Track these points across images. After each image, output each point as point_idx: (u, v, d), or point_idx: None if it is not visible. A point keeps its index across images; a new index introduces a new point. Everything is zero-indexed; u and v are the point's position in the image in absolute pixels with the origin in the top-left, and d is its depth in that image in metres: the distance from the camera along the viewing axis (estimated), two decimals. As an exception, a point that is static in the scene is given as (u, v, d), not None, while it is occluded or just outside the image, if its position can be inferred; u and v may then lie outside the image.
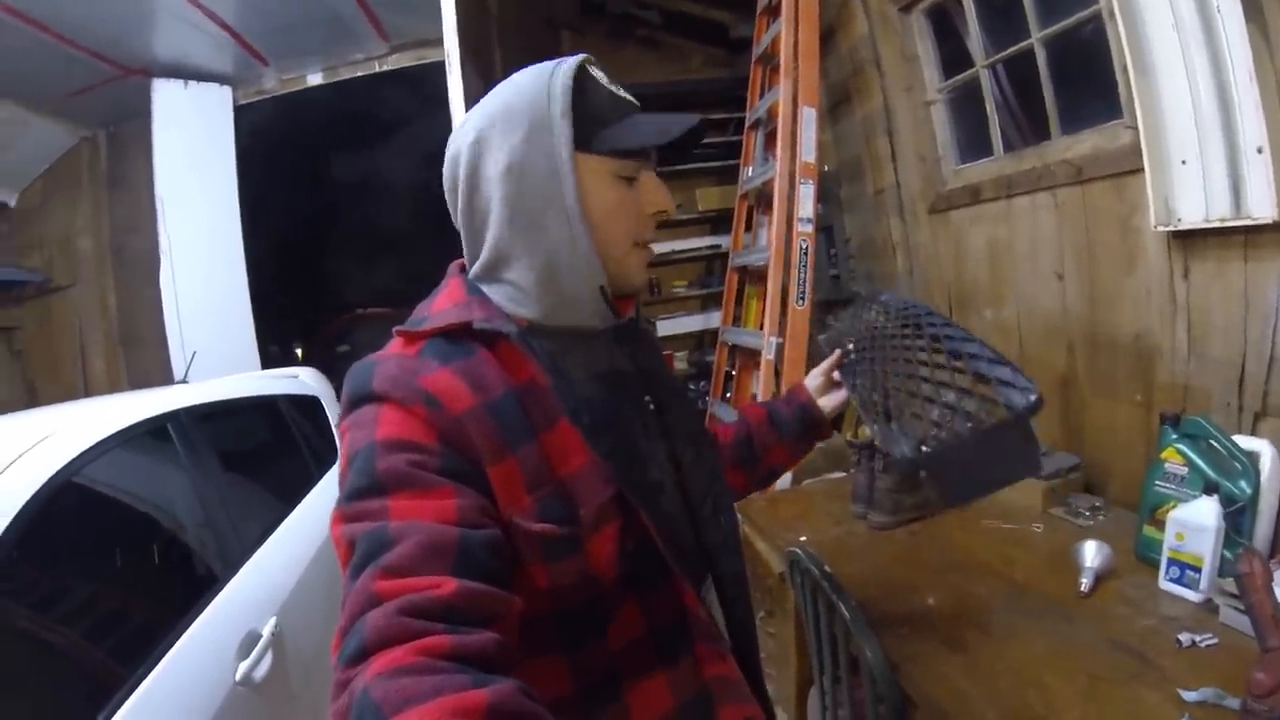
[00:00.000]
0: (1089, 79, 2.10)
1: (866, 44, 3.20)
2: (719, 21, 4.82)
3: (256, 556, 2.02)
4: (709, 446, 1.08)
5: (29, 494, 1.45)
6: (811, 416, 1.29)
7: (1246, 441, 1.57)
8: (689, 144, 0.93)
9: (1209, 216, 1.66)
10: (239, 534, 2.04)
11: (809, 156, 3.14)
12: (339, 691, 0.58)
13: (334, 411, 3.00)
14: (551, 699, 0.78)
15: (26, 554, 1.41)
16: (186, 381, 3.16)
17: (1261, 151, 1.54)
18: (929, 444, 0.96)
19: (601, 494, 0.82)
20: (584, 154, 0.85)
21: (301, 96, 4.85)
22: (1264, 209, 1.55)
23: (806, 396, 1.30)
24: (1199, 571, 1.43)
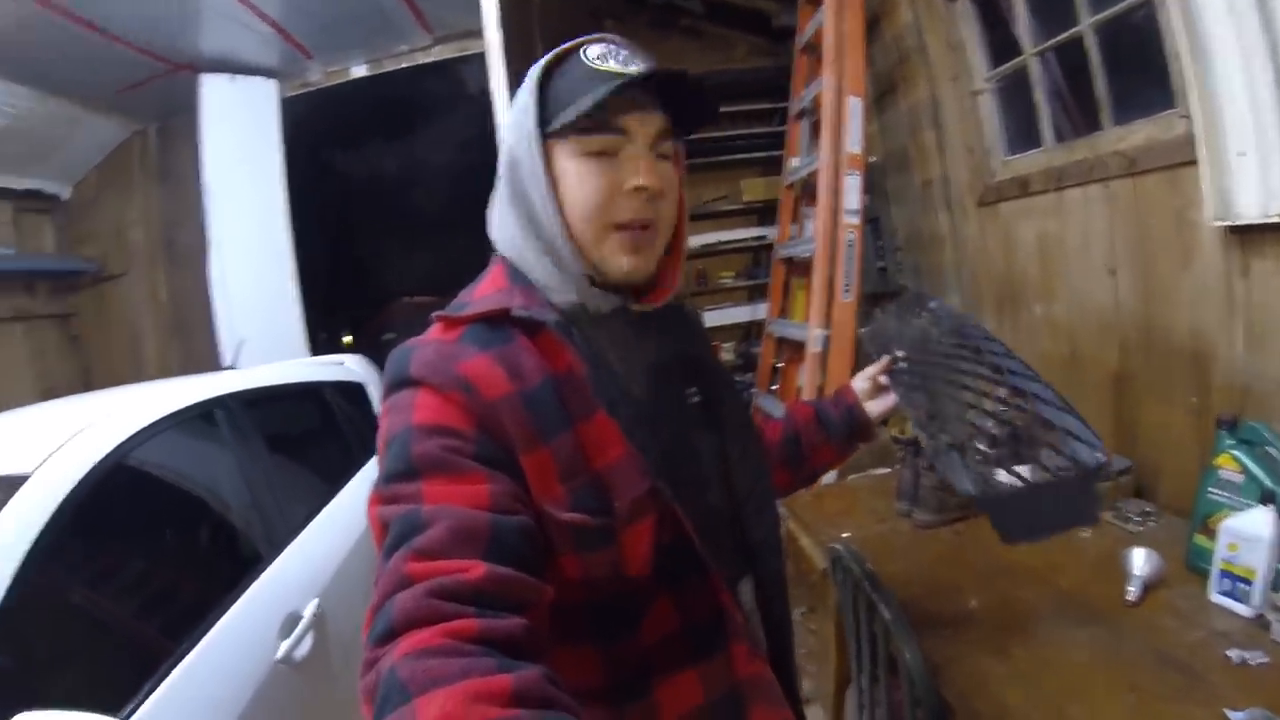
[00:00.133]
0: (1142, 66, 2.02)
1: (912, 32, 3.14)
2: (762, 10, 4.77)
3: (300, 539, 2.08)
4: (755, 442, 1.06)
5: (81, 474, 1.51)
6: (858, 419, 1.27)
7: (1307, 449, 1.50)
8: (690, 111, 0.87)
9: (1268, 211, 1.58)
10: (283, 517, 2.09)
11: (855, 148, 3.09)
12: (367, 670, 0.59)
13: (379, 397, 3.03)
14: (581, 689, 0.79)
15: (79, 532, 1.47)
16: (234, 368, 3.22)
17: (1324, 143, 1.47)
18: (993, 486, 0.96)
19: (637, 487, 0.81)
20: (556, 138, 0.84)
21: (346, 88, 4.91)
22: (1327, 204, 1.47)
23: (854, 399, 1.29)
24: (1251, 585, 1.38)
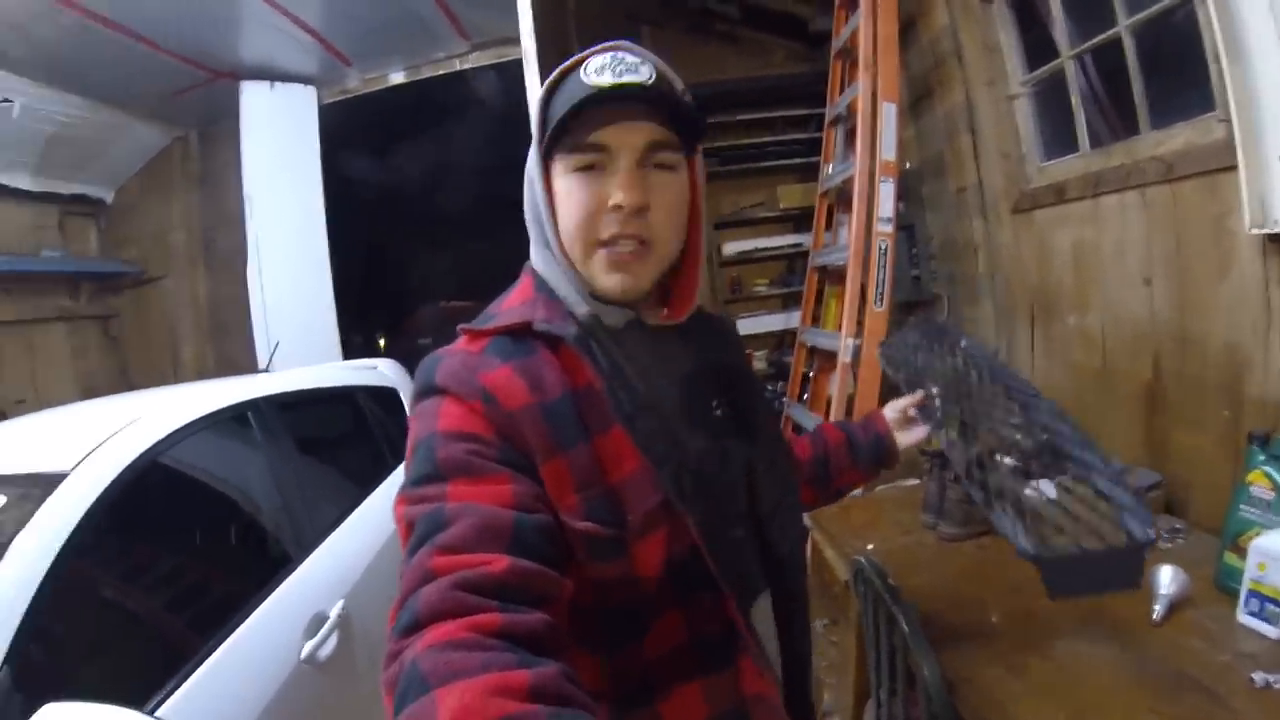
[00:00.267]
0: (1181, 68, 1.97)
1: (948, 35, 3.10)
2: (798, 15, 4.74)
3: (329, 541, 2.11)
4: (784, 455, 1.06)
5: (117, 473, 1.56)
6: (886, 448, 1.30)
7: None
8: (684, 121, 0.85)
9: (1308, 219, 1.54)
10: (313, 519, 2.13)
11: (889, 154, 3.06)
12: (390, 661, 0.60)
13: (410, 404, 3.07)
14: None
15: (113, 528, 1.52)
16: (269, 371, 3.28)
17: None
18: (1050, 549, 1.02)
19: (650, 499, 0.81)
20: (553, 155, 0.85)
21: (385, 95, 4.99)
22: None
23: (885, 428, 1.31)
24: (1281, 606, 1.33)
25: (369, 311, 6.33)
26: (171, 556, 1.76)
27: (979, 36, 2.89)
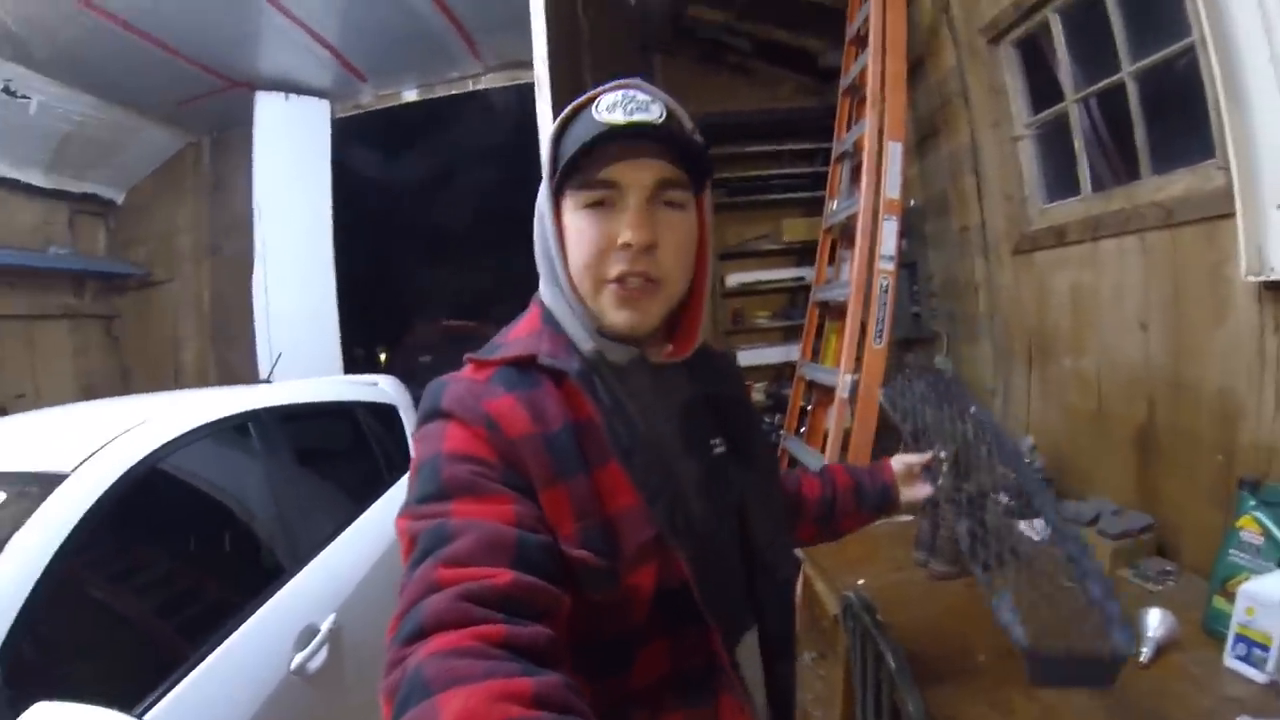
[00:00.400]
0: (1183, 114, 1.99)
1: (955, 76, 3.13)
2: (809, 49, 4.78)
3: (323, 555, 2.11)
4: (778, 491, 1.08)
5: (116, 477, 1.57)
6: (891, 499, 1.33)
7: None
8: (693, 160, 0.87)
9: (1304, 268, 1.55)
10: (308, 532, 2.13)
11: (893, 192, 3.08)
12: (391, 669, 0.61)
13: (410, 420, 3.08)
14: None
15: (111, 532, 1.53)
16: (270, 381, 3.29)
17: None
18: (1041, 646, 1.10)
19: (644, 533, 0.82)
20: (564, 192, 0.87)
21: (397, 111, 5.04)
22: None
23: (891, 478, 1.33)
24: (1268, 651, 1.33)
25: (372, 325, 6.34)
26: (167, 562, 1.77)
27: (985, 78, 2.92)
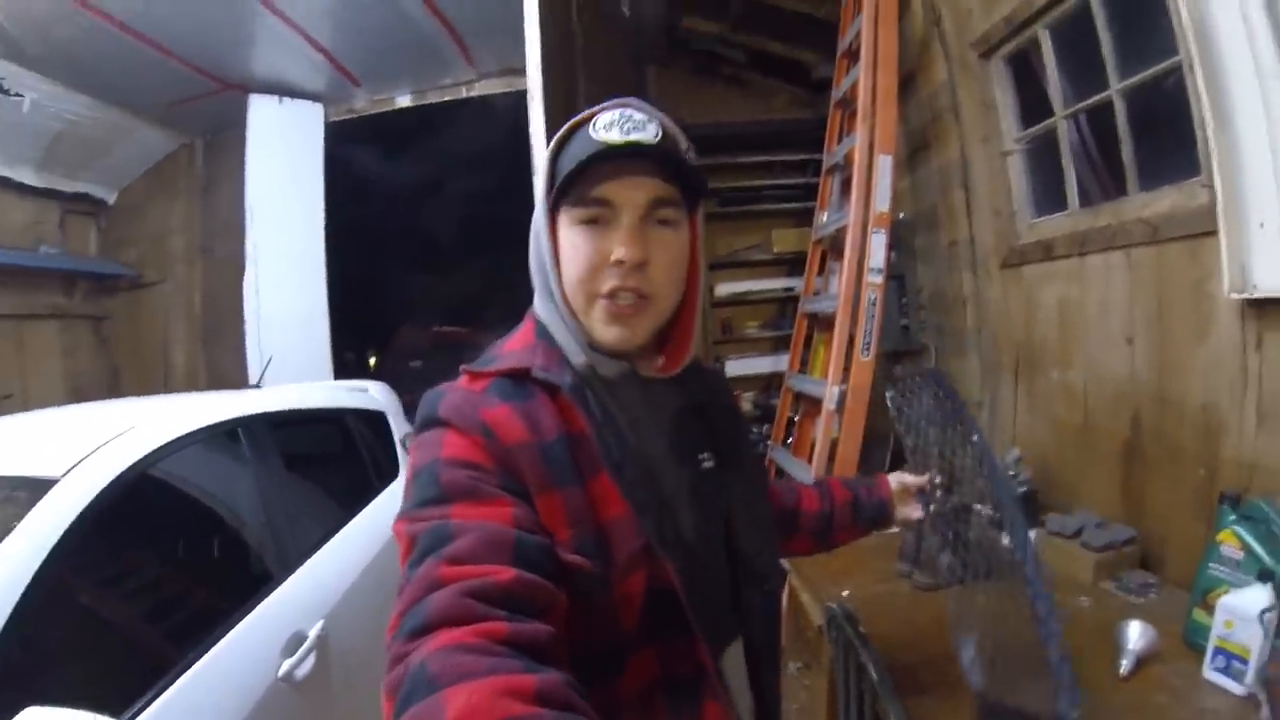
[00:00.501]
0: (1171, 132, 2.01)
1: (946, 91, 3.15)
2: (802, 61, 4.82)
3: (311, 561, 2.09)
4: (766, 505, 1.09)
5: (106, 482, 1.56)
6: (886, 514, 1.35)
7: (1312, 529, 1.47)
8: (687, 178, 0.89)
9: (1286, 285, 1.57)
10: (296, 538, 2.12)
11: (883, 206, 3.10)
12: (394, 665, 0.61)
13: (399, 426, 3.09)
14: None
15: (100, 538, 1.52)
16: (260, 386, 3.28)
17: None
18: (998, 703, 1.19)
19: (633, 543, 0.83)
20: (560, 208, 0.88)
21: (390, 117, 5.06)
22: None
23: (889, 494, 1.36)
24: (1246, 663, 1.34)
25: (362, 330, 6.32)
26: (156, 568, 1.76)
27: (976, 93, 2.94)
